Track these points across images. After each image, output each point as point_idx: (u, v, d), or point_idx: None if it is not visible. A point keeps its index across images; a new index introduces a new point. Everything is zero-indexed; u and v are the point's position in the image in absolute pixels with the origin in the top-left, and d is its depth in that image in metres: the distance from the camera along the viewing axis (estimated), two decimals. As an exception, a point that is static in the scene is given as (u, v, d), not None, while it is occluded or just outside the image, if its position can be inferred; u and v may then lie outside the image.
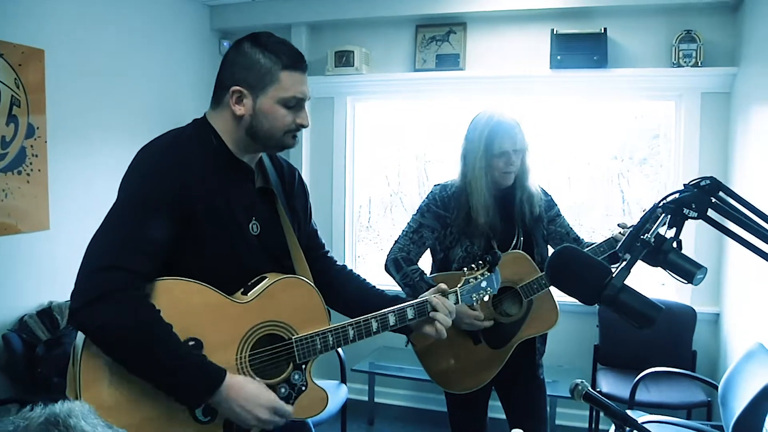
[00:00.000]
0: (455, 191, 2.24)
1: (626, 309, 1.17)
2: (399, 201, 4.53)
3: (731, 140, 3.38)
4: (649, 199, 4.01)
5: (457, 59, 3.82)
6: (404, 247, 2.25)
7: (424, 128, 4.27)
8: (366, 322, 1.58)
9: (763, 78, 3.01)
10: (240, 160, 1.50)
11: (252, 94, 1.44)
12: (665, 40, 3.45)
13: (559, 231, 2.34)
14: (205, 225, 1.40)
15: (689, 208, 1.18)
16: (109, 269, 1.28)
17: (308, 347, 1.50)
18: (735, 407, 2.41)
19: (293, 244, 1.59)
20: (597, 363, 3.50)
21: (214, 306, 1.37)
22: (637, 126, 4.03)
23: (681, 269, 1.18)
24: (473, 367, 2.22)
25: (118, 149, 3.38)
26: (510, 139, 2.13)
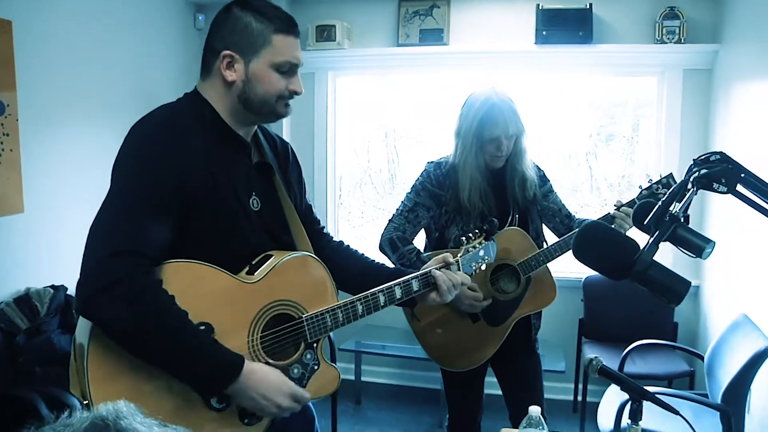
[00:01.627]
0: (449, 169, 2.23)
1: (655, 284, 1.20)
2: (369, 178, 4.51)
3: (712, 117, 3.46)
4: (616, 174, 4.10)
5: (441, 34, 3.79)
6: (399, 226, 2.23)
7: (403, 104, 4.25)
8: (374, 296, 1.57)
9: (745, 55, 3.08)
10: (237, 134, 1.46)
11: (244, 58, 1.39)
12: (649, 16, 3.50)
13: (552, 207, 2.34)
14: (208, 204, 1.36)
15: (719, 183, 1.20)
16: (118, 255, 1.23)
17: (319, 325, 1.48)
18: (722, 376, 2.50)
19: (293, 219, 1.56)
20: (582, 337, 3.59)
21: (224, 288, 1.35)
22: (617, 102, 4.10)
23: (691, 244, 1.20)
24: (472, 345, 2.23)
25: (94, 126, 3.27)
26: (503, 124, 2.11)
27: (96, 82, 3.28)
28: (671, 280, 1.21)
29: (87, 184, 3.22)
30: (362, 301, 1.55)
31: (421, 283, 1.66)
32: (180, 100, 1.47)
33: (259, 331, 1.41)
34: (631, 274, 1.19)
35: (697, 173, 1.20)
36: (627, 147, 4.15)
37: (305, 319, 1.48)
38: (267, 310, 1.43)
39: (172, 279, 1.29)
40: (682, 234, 1.20)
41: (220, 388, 1.31)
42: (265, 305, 1.42)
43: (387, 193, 4.50)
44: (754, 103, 2.93)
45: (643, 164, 3.96)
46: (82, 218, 3.11)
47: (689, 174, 1.26)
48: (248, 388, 1.32)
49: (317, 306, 1.50)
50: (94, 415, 0.61)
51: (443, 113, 4.10)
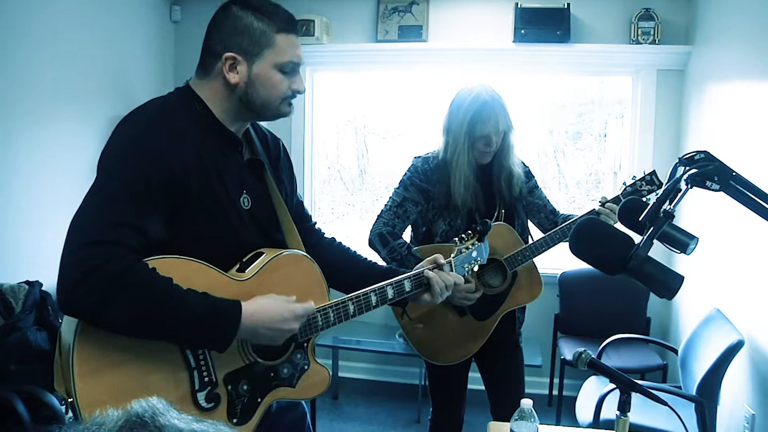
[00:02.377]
0: (437, 164, 2.24)
1: (650, 279, 1.22)
2: (338, 174, 4.51)
3: (684, 116, 3.55)
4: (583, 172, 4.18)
5: (420, 31, 3.80)
6: (389, 221, 2.23)
7: (376, 100, 4.26)
8: (365, 296, 1.56)
9: (715, 57, 3.17)
10: (229, 130, 1.43)
11: (246, 60, 1.37)
12: (625, 17, 3.57)
13: (537, 203, 2.38)
14: (199, 200, 1.34)
15: (712, 181, 1.23)
16: (95, 244, 1.20)
17: (310, 325, 1.47)
18: (696, 369, 2.57)
19: (284, 217, 1.55)
20: (557, 332, 3.64)
21: (214, 285, 1.32)
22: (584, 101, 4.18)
23: (676, 240, 1.23)
24: (459, 339, 2.25)
25: (66, 120, 3.20)
26: (493, 122, 2.13)
27: (68, 75, 3.20)
28: (665, 274, 1.24)
29: (59, 178, 3.15)
30: (354, 301, 1.54)
31: (413, 283, 1.66)
32: (170, 94, 1.44)
33: None
34: (626, 269, 1.21)
35: (692, 171, 1.23)
36: (595, 145, 4.24)
37: None
38: None
39: (162, 274, 1.27)
40: (668, 231, 1.22)
41: (228, 339, 1.30)
42: None
43: (356, 188, 4.50)
44: (725, 103, 3.02)
45: (611, 162, 4.05)
46: (55, 213, 3.08)
47: (675, 171, 1.30)
48: (255, 325, 1.32)
49: None
50: (128, 413, 0.59)
51: (420, 109, 4.14)
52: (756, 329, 2.54)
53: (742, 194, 1.22)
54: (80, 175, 3.30)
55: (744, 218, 2.55)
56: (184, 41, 4.06)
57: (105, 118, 3.45)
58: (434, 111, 4.10)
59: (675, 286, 1.24)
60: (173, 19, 4.02)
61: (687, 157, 1.30)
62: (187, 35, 4.05)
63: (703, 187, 1.24)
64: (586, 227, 1.29)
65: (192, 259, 1.32)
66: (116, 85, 3.55)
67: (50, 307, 2.76)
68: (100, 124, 3.41)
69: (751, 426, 2.53)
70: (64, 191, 3.17)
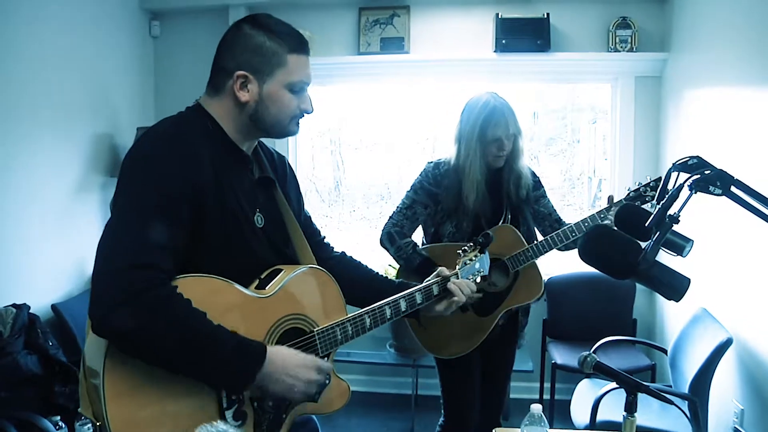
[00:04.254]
0: (447, 169, 2.34)
1: (659, 282, 1.26)
2: (313, 185, 4.51)
3: (663, 121, 3.65)
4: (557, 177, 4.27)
5: (402, 42, 3.85)
6: (398, 222, 2.37)
7: (354, 112, 4.29)
8: (380, 309, 1.60)
9: (691, 63, 3.27)
10: (240, 148, 1.46)
11: (258, 79, 1.39)
12: (603, 25, 3.66)
13: (542, 211, 2.46)
14: (217, 216, 1.35)
15: (714, 186, 1.28)
16: (138, 267, 1.20)
17: (330, 339, 1.50)
18: (687, 368, 2.64)
19: (295, 234, 1.58)
20: (546, 336, 3.68)
21: (238, 303, 1.34)
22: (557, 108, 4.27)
23: (673, 243, 1.28)
24: (461, 333, 2.33)
25: (47, 136, 3.15)
26: (504, 125, 2.24)
27: (48, 90, 3.16)
28: (673, 277, 1.27)
29: (43, 199, 3.10)
30: (370, 314, 1.57)
31: (424, 295, 1.70)
32: (182, 113, 1.45)
33: (272, 345, 1.40)
34: (635, 274, 1.25)
35: (696, 176, 1.27)
36: (569, 150, 4.33)
37: (316, 333, 1.49)
38: (280, 324, 1.43)
39: (187, 293, 1.27)
40: (667, 235, 1.26)
41: (250, 379, 1.29)
42: (278, 319, 1.43)
43: (333, 200, 4.51)
44: (701, 108, 3.12)
45: (585, 167, 4.15)
46: (40, 234, 3.04)
47: (669, 177, 1.33)
48: (275, 371, 1.32)
49: (327, 320, 1.52)
50: None
51: (401, 120, 4.18)
52: (742, 327, 2.62)
53: (741, 199, 1.27)
54: (64, 195, 3.26)
55: (727, 219, 2.65)
56: (164, 56, 4.05)
57: (86, 136, 3.42)
58: (417, 121, 4.18)
59: (683, 288, 1.28)
60: (153, 34, 4.01)
61: (681, 162, 1.34)
62: (167, 50, 4.05)
63: (706, 192, 1.28)
64: (595, 234, 1.33)
65: (215, 276, 1.33)
66: (96, 102, 3.52)
67: (39, 329, 2.72)
68: (81, 143, 3.38)
69: (740, 421, 2.60)
70: (48, 212, 3.13)
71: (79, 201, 3.39)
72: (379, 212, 4.41)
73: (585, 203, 4.32)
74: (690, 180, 1.29)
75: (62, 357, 2.70)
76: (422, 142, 4.32)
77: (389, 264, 3.61)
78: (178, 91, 3.99)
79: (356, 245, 4.04)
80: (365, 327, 1.56)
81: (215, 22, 3.89)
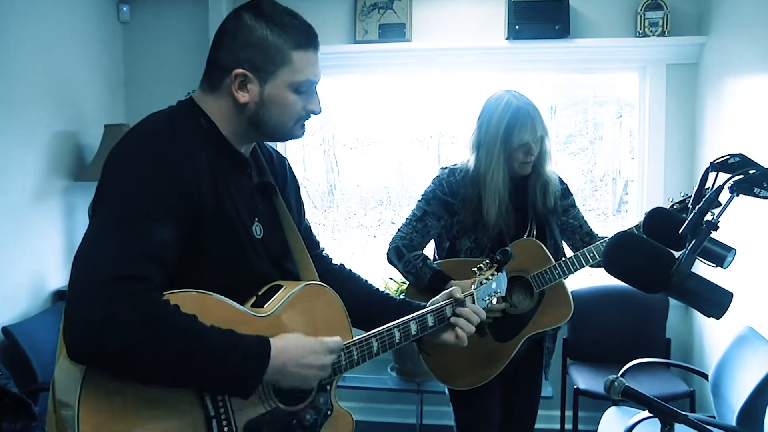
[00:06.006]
0: (464, 178, 2.29)
1: (695, 297, 1.22)
2: (305, 190, 4.48)
3: (699, 115, 3.60)
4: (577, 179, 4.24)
5: (403, 29, 3.82)
6: (406, 235, 2.32)
7: (350, 107, 4.28)
8: (389, 332, 1.58)
9: (733, 48, 3.22)
10: (238, 151, 1.45)
11: (258, 78, 1.37)
12: (630, 7, 3.62)
13: (572, 223, 2.43)
14: (213, 228, 1.34)
15: (761, 187, 1.24)
16: (115, 281, 1.17)
17: (333, 365, 1.47)
18: (733, 397, 2.58)
19: (296, 245, 1.57)
20: (567, 357, 3.64)
21: (233, 322, 1.32)
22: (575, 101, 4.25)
23: (712, 253, 1.24)
24: (477, 361, 2.28)
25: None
26: (531, 128, 2.19)
27: (1, 82, 3.12)
28: (712, 291, 1.23)
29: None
30: (377, 338, 1.56)
31: (436, 318, 1.69)
32: (173, 108, 1.43)
33: None
34: (668, 287, 1.21)
35: (738, 178, 1.24)
36: (589, 148, 4.30)
37: None
38: None
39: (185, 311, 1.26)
40: (705, 243, 1.22)
41: (257, 380, 1.29)
42: None
43: (327, 206, 4.50)
44: (743, 99, 3.07)
45: (609, 167, 4.11)
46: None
47: (706, 177, 1.31)
48: (284, 364, 1.32)
49: None
50: None
51: (402, 116, 4.16)
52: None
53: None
54: (19, 201, 3.23)
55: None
56: (134, 44, 4.04)
57: (46, 135, 3.39)
58: (420, 117, 4.16)
59: (724, 303, 1.23)
60: (121, 19, 3.99)
61: (720, 161, 1.31)
62: (137, 37, 4.04)
63: (750, 194, 1.24)
64: (622, 242, 1.28)
65: (207, 292, 1.32)
66: (58, 95, 3.49)
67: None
68: (40, 142, 3.35)
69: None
70: (2, 218, 3.10)
71: (38, 208, 3.35)
72: (378, 219, 4.39)
73: (609, 208, 4.28)
74: (731, 181, 1.25)
75: (14, 388, 2.65)
76: (426, 140, 4.30)
77: (390, 277, 3.60)
78: (152, 85, 4.04)
79: (352, 256, 4.02)
80: (372, 352, 1.54)
81: (193, 5, 3.88)
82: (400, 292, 3.42)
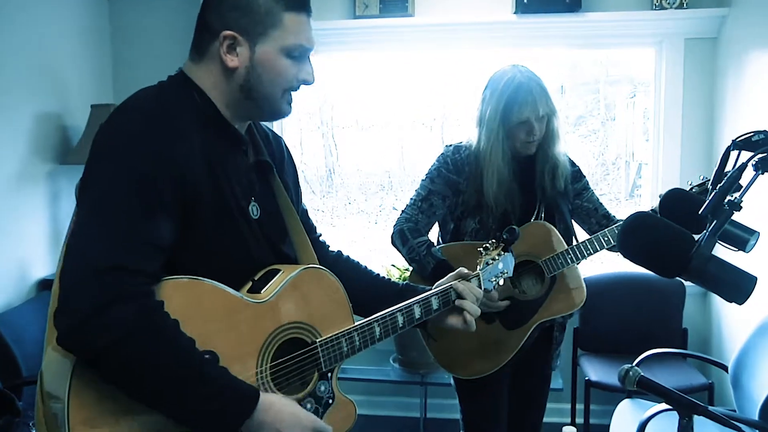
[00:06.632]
0: (469, 155, 2.30)
1: (716, 281, 1.21)
2: (302, 175, 4.47)
3: (719, 93, 3.56)
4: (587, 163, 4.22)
5: (405, 4, 3.79)
6: (411, 217, 2.32)
7: (348, 86, 4.26)
8: (392, 316, 1.60)
9: (758, 20, 3.17)
10: (234, 127, 1.45)
11: (248, 40, 1.37)
12: (646, -23, 3.58)
13: (586, 206, 2.44)
14: (208, 209, 1.34)
15: (786, 165, 1.22)
16: (113, 270, 1.17)
17: (334, 351, 1.50)
18: (755, 390, 2.56)
19: (295, 228, 1.58)
20: (577, 348, 3.64)
21: (229, 309, 1.33)
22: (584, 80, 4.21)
23: (733, 236, 1.23)
24: (484, 349, 2.28)
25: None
26: (532, 105, 2.18)
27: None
28: (734, 275, 1.21)
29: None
30: (380, 323, 1.58)
31: (441, 300, 1.70)
32: (163, 83, 1.43)
33: (269, 359, 1.41)
34: (687, 271, 1.19)
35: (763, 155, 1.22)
36: (601, 130, 4.28)
37: (319, 345, 1.49)
38: (277, 334, 1.43)
39: (171, 299, 1.26)
40: (725, 225, 1.21)
41: (234, 427, 1.28)
42: (275, 329, 1.42)
43: (325, 191, 4.51)
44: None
45: (622, 150, 4.08)
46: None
47: (727, 155, 1.30)
48: (264, 423, 1.30)
49: (332, 328, 1.53)
50: None
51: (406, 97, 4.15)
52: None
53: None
54: (2, 186, 3.20)
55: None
56: (122, 19, 4.01)
57: (29, 116, 3.37)
58: (424, 97, 4.14)
59: (748, 287, 1.21)
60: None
61: (743, 138, 1.30)
62: (125, 12, 4.01)
63: (774, 172, 1.23)
64: (638, 222, 1.27)
65: (200, 278, 1.32)
66: (41, 73, 3.46)
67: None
68: (23, 124, 3.33)
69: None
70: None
71: (21, 194, 3.33)
72: (379, 205, 4.40)
73: (622, 193, 4.25)
74: (755, 158, 1.24)
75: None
76: (430, 121, 4.29)
77: (393, 264, 3.61)
78: (141, 62, 4.01)
79: (352, 243, 4.01)
80: (374, 337, 1.57)
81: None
82: (402, 280, 3.40)
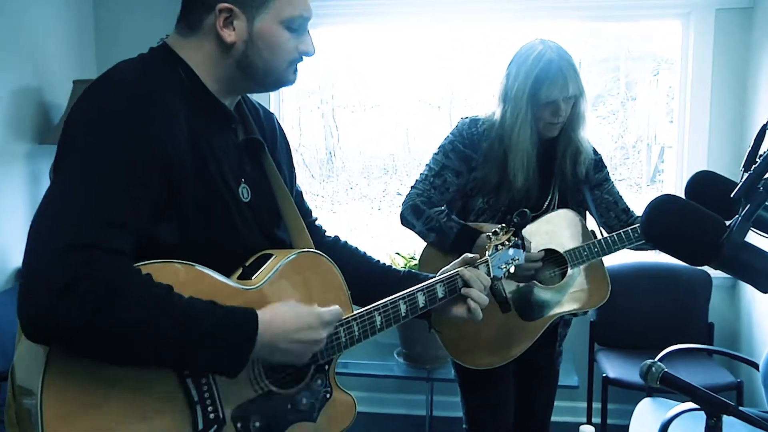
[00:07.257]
0: (487, 130, 2.29)
1: (749, 270, 1.18)
2: (300, 157, 4.54)
3: (753, 69, 3.48)
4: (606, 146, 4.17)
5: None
6: (423, 192, 2.32)
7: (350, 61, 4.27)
8: (393, 305, 1.59)
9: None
10: (222, 103, 1.44)
11: (246, 13, 1.37)
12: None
13: (606, 198, 2.43)
14: (194, 192, 1.34)
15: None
16: (78, 248, 1.15)
17: (332, 342, 1.49)
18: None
19: (288, 211, 1.59)
20: (594, 343, 3.63)
21: (215, 296, 1.31)
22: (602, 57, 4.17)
23: (766, 221, 1.18)
24: (496, 339, 2.29)
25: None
26: (561, 84, 2.17)
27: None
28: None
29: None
30: (381, 311, 1.57)
31: (447, 288, 1.70)
32: (144, 56, 1.42)
33: None
34: (717, 259, 1.16)
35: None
36: (620, 110, 4.22)
37: None
38: None
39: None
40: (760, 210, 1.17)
41: (243, 359, 1.29)
42: None
43: (325, 175, 4.56)
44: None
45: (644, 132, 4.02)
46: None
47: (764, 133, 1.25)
48: (274, 340, 1.32)
49: None
50: None
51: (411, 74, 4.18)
52: None
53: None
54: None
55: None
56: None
57: (6, 92, 3.34)
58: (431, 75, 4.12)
59: (782, 277, 1.17)
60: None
61: None
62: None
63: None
64: (665, 205, 1.22)
65: (187, 263, 1.32)
66: (19, 48, 3.42)
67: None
68: (1, 98, 3.29)
69: None
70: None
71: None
72: (383, 189, 4.45)
73: (642, 178, 4.18)
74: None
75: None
76: (437, 101, 4.29)
77: (397, 252, 3.61)
78: (125, 34, 3.96)
79: (353, 230, 4.00)
80: (375, 327, 1.56)
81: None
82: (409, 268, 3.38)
